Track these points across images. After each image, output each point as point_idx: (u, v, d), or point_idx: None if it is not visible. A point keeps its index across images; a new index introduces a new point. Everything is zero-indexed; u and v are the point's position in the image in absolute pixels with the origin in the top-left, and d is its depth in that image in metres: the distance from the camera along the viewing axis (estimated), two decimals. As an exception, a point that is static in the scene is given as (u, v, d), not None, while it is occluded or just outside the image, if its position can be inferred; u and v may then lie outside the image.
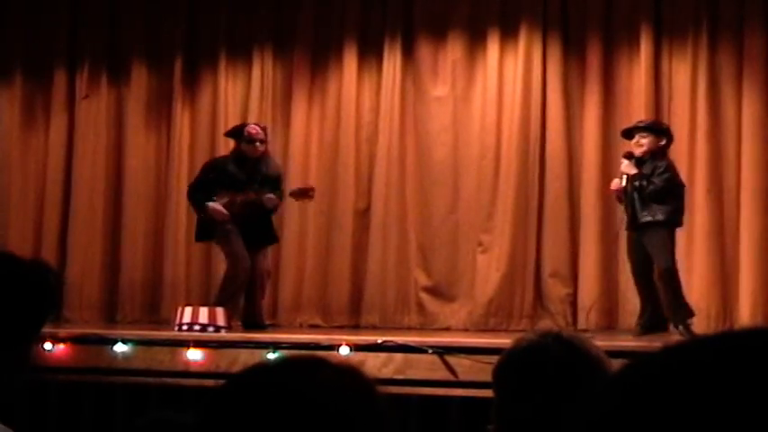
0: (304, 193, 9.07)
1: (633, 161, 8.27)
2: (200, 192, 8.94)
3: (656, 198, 8.14)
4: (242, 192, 8.76)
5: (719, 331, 0.85)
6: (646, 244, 8.16)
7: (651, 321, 8.26)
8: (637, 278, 8.43)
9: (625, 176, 8.25)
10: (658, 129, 8.47)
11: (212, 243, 9.42)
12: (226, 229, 8.73)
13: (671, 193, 8.21)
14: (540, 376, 2.28)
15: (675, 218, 8.26)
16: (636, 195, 8.17)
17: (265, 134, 9.08)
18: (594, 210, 9.72)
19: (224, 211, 8.71)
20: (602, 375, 2.23)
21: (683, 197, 8.38)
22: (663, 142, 8.33)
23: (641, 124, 8.53)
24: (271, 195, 8.81)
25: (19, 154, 10.95)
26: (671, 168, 8.30)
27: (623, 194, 8.29)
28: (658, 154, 8.29)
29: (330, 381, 1.31)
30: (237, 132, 9.03)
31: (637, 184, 8.16)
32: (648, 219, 8.11)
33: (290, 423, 1.26)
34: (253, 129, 9.02)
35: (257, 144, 8.90)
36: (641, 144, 8.29)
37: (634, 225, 8.23)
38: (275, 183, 8.99)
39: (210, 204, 8.77)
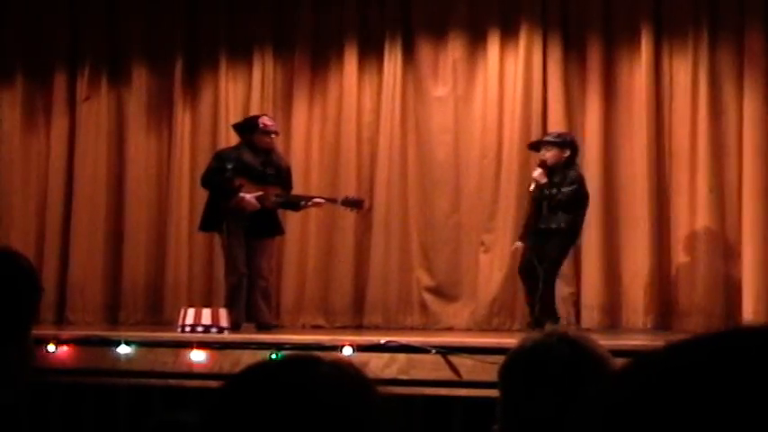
0: (356, 204, 9.13)
1: (546, 170, 8.62)
2: (216, 180, 8.76)
3: (563, 207, 8.51)
4: (263, 184, 8.74)
5: (723, 329, 0.85)
6: (546, 249, 8.49)
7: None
8: (526, 277, 8.77)
9: (534, 183, 8.58)
10: (562, 142, 8.75)
11: (215, 234, 9.34)
12: (238, 224, 8.68)
13: (575, 204, 8.56)
14: (546, 376, 2.28)
15: (576, 227, 8.65)
16: (544, 203, 8.52)
17: (277, 126, 9.15)
18: (596, 208, 9.71)
19: (257, 203, 8.67)
20: (607, 375, 2.23)
21: (586, 208, 8.72)
22: (566, 154, 8.63)
23: (547, 138, 8.86)
24: (320, 200, 9.00)
25: (20, 156, 10.96)
26: (579, 180, 8.61)
27: (532, 200, 8.68)
28: (569, 164, 8.62)
29: (328, 377, 1.32)
30: (251, 124, 9.01)
31: (546, 192, 8.51)
32: (553, 226, 8.47)
33: (289, 419, 1.28)
34: (268, 120, 9.04)
35: (272, 136, 8.93)
36: (545, 157, 8.64)
37: (536, 229, 8.58)
38: (287, 177, 9.02)
39: (246, 196, 8.64)
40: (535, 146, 8.90)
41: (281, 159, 9.09)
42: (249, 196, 8.64)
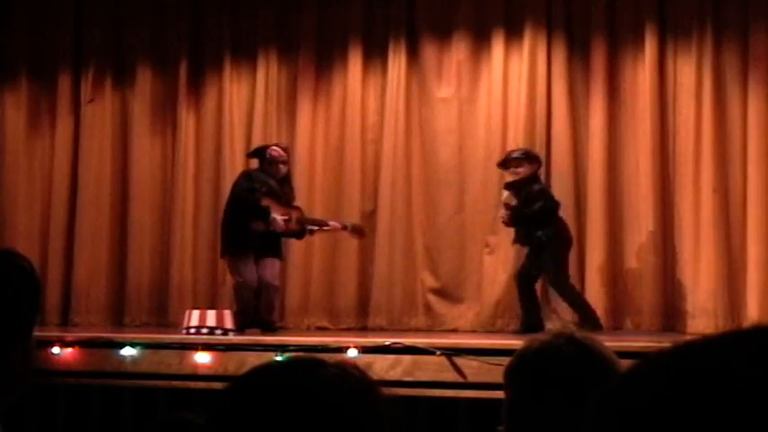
0: (358, 231, 9.39)
1: (513, 191, 8.85)
2: (246, 200, 8.78)
3: (535, 224, 8.66)
4: (287, 206, 8.88)
5: (730, 330, 0.85)
6: (541, 261, 8.69)
7: (534, 322, 8.66)
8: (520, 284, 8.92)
9: (505, 207, 8.81)
10: (533, 156, 9.00)
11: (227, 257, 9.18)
12: (251, 248, 8.71)
13: (548, 216, 8.72)
14: (554, 377, 2.28)
15: (561, 234, 8.81)
16: (518, 222, 8.75)
17: (287, 155, 9.10)
18: (600, 209, 9.72)
19: (283, 225, 8.82)
20: (615, 377, 2.23)
21: (558, 216, 8.84)
22: (535, 168, 8.89)
23: (516, 155, 8.98)
24: (334, 224, 9.28)
25: (25, 157, 10.96)
26: (543, 193, 8.84)
27: (509, 221, 8.84)
28: (531, 181, 8.80)
29: (332, 379, 1.33)
30: (260, 155, 9.05)
31: (517, 213, 8.72)
32: (535, 241, 8.68)
33: (294, 421, 1.28)
34: (275, 151, 8.99)
35: (280, 166, 8.94)
36: (517, 173, 8.83)
37: (523, 244, 8.82)
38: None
39: (277, 217, 8.77)
40: (504, 164, 8.98)
41: (292, 190, 9.16)
42: (280, 218, 8.74)
